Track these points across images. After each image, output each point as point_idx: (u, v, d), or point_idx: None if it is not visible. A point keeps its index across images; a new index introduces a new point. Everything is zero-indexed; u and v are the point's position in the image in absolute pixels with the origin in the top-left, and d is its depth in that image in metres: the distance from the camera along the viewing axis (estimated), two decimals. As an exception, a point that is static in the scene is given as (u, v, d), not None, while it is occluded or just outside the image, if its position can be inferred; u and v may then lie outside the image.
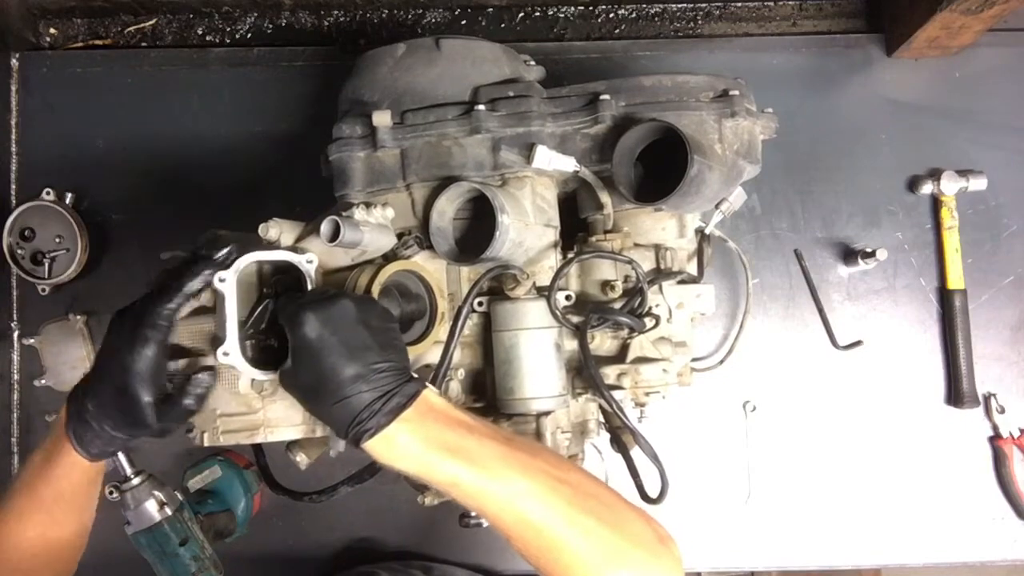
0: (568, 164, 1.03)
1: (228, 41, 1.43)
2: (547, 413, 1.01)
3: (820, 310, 1.31)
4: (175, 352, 0.91)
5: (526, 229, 1.01)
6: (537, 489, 0.74)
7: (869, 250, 1.28)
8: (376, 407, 0.74)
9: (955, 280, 1.32)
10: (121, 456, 0.94)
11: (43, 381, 1.31)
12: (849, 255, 1.33)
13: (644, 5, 1.42)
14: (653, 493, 1.01)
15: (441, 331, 1.01)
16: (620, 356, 1.04)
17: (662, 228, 1.09)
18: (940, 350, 1.33)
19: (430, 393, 0.78)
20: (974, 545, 1.31)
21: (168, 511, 0.94)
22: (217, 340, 0.84)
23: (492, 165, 1.03)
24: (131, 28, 1.42)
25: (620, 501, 0.79)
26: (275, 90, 1.38)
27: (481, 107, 1.02)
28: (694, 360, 1.25)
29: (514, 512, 0.74)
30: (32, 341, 1.32)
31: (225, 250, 0.80)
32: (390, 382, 0.75)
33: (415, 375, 0.80)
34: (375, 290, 0.90)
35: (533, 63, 1.15)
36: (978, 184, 1.32)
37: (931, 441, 1.32)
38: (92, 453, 0.83)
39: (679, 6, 1.43)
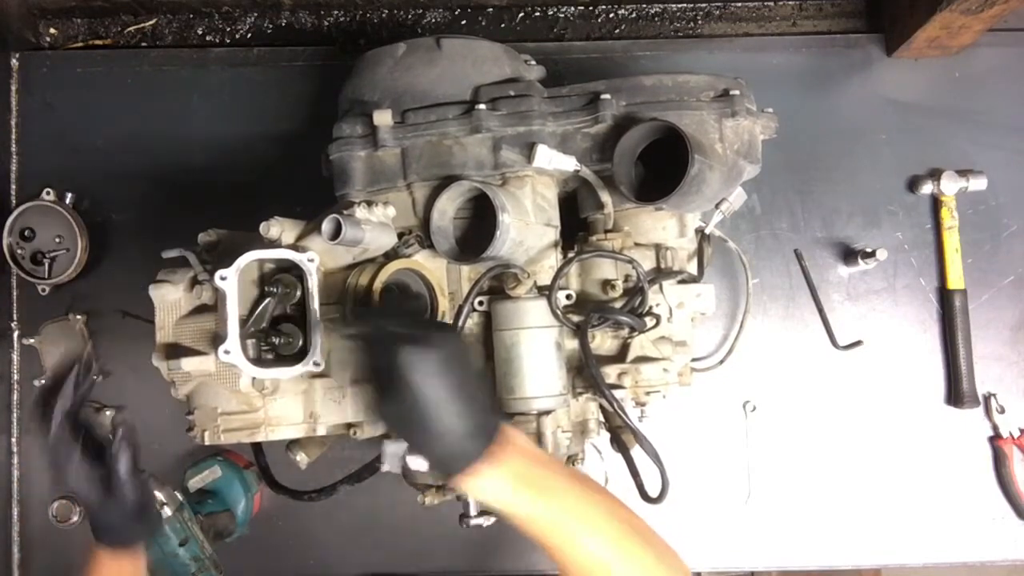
0: (569, 163, 1.03)
1: (228, 41, 1.43)
2: (548, 412, 1.01)
3: (820, 310, 1.31)
4: (177, 351, 0.92)
5: (527, 228, 1.01)
6: (605, 526, 0.78)
7: (869, 250, 1.28)
8: (468, 446, 0.75)
9: (955, 280, 1.32)
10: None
11: (43, 381, 1.31)
12: (849, 255, 1.33)
13: (644, 5, 1.42)
14: (653, 492, 1.02)
15: (442, 330, 1.01)
16: (620, 355, 1.04)
17: (662, 228, 1.09)
18: (940, 350, 1.33)
19: (511, 429, 0.80)
20: (974, 545, 1.31)
21: (168, 511, 0.95)
22: (218, 338, 0.84)
23: (493, 164, 1.04)
24: (131, 28, 1.42)
25: (663, 542, 0.82)
26: (275, 90, 1.38)
27: (482, 106, 1.02)
28: (694, 360, 1.25)
29: (580, 547, 0.77)
30: (32, 341, 1.32)
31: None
32: (482, 420, 0.77)
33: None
34: (376, 288, 0.90)
35: (533, 63, 1.15)
36: (978, 184, 1.32)
37: (931, 441, 1.32)
38: (119, 540, 0.88)
39: (679, 6, 1.43)
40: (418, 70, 1.05)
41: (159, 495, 0.96)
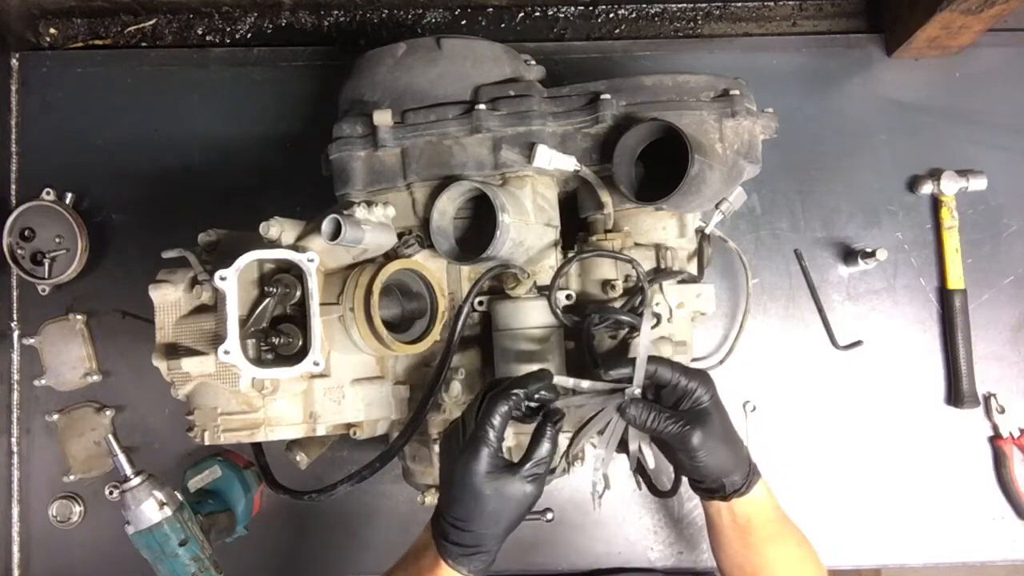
0: (569, 163, 1.03)
1: (228, 41, 1.43)
2: (548, 412, 1.01)
3: (820, 310, 1.32)
4: (177, 351, 0.91)
5: (526, 228, 1.01)
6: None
7: (869, 250, 1.28)
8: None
9: (955, 280, 1.32)
10: (121, 456, 0.94)
11: (43, 381, 1.31)
12: (849, 255, 1.33)
13: (644, 5, 1.42)
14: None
15: (442, 330, 1.01)
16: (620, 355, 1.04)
17: (663, 227, 1.09)
18: (940, 350, 1.33)
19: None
20: (974, 545, 1.31)
21: (168, 511, 0.94)
22: (218, 338, 0.84)
23: (493, 164, 1.04)
24: (131, 28, 1.42)
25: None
26: (275, 90, 1.38)
27: (482, 106, 1.02)
28: (694, 360, 1.25)
29: None
30: (32, 341, 1.32)
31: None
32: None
33: None
34: (376, 289, 0.90)
35: (533, 63, 1.15)
36: (978, 184, 1.32)
37: (931, 441, 1.32)
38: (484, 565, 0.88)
39: (679, 6, 1.43)
40: (418, 70, 1.05)
41: (159, 495, 0.96)
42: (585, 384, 0.90)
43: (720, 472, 0.92)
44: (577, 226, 1.13)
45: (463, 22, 1.42)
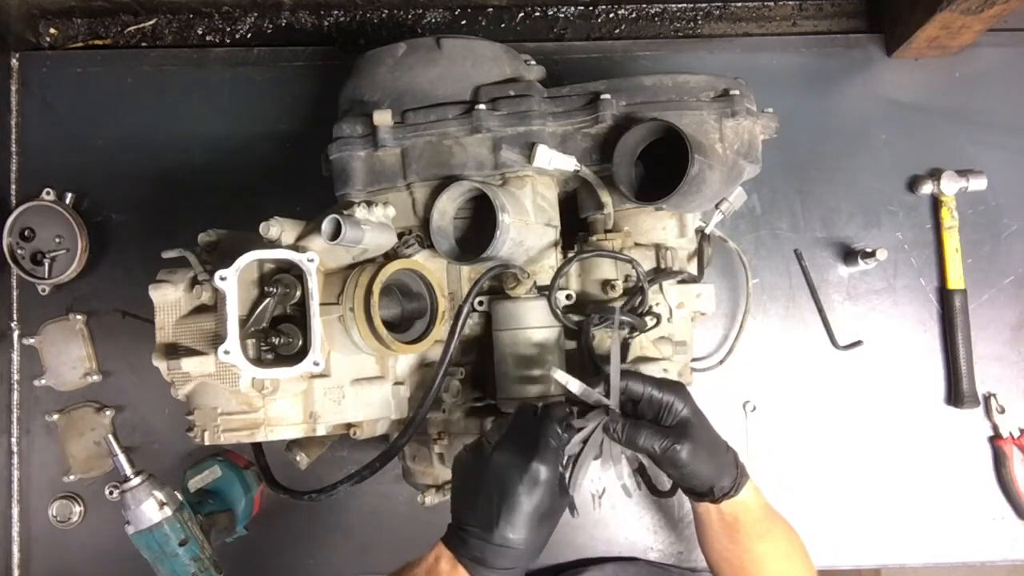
0: (569, 163, 1.03)
1: (228, 41, 1.43)
2: (548, 412, 1.01)
3: (820, 310, 1.32)
4: (177, 351, 0.91)
5: (526, 228, 1.01)
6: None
7: (869, 250, 1.28)
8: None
9: (955, 280, 1.32)
10: (121, 456, 0.94)
11: (43, 381, 1.31)
12: (849, 255, 1.33)
13: (644, 5, 1.42)
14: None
15: (442, 330, 1.01)
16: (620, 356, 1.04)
17: (663, 228, 1.09)
18: (940, 350, 1.33)
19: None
20: (974, 545, 1.31)
21: (168, 511, 0.95)
22: (218, 338, 0.84)
23: (493, 164, 1.04)
24: (131, 28, 1.42)
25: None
26: (275, 90, 1.38)
27: (482, 106, 1.02)
28: (694, 360, 1.25)
29: None
30: (32, 341, 1.32)
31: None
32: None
33: None
34: (376, 289, 0.90)
35: (533, 63, 1.15)
36: (978, 184, 1.32)
37: (931, 441, 1.32)
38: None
39: (679, 6, 1.43)
40: (418, 70, 1.06)
41: (159, 495, 0.96)
42: (575, 386, 0.90)
43: (709, 480, 0.92)
44: (577, 226, 1.13)
45: (463, 22, 1.42)
